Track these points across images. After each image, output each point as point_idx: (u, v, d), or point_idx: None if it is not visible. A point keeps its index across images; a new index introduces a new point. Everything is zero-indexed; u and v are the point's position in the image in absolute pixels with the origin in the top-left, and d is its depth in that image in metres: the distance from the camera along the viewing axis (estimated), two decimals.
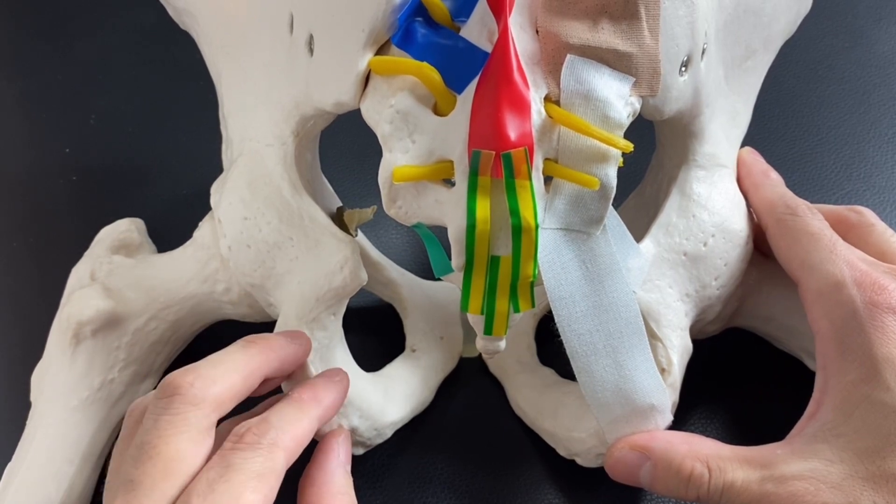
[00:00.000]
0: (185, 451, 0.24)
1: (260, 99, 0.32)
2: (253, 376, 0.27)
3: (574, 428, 0.33)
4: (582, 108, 0.25)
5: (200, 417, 0.25)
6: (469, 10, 0.25)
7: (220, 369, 0.26)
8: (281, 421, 0.26)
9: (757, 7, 0.33)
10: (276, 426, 0.26)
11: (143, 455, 0.24)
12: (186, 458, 0.24)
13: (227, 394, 0.26)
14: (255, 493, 0.24)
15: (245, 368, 0.27)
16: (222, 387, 0.26)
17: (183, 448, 0.24)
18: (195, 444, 0.25)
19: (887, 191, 0.44)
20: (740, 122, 0.35)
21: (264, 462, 0.25)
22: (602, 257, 0.27)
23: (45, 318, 0.36)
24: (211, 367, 0.26)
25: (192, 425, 0.25)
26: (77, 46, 0.54)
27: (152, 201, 0.45)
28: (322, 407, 0.28)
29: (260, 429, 0.26)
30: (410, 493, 0.34)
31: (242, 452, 0.25)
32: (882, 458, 0.26)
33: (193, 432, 0.25)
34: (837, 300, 0.29)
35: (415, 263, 0.41)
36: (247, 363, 0.27)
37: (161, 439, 0.24)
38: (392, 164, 0.25)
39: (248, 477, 0.24)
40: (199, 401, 0.25)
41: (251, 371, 0.27)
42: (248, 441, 0.25)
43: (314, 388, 0.29)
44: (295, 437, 0.26)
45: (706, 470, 0.27)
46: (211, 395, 0.26)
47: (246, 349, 0.28)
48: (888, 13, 0.53)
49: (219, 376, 0.26)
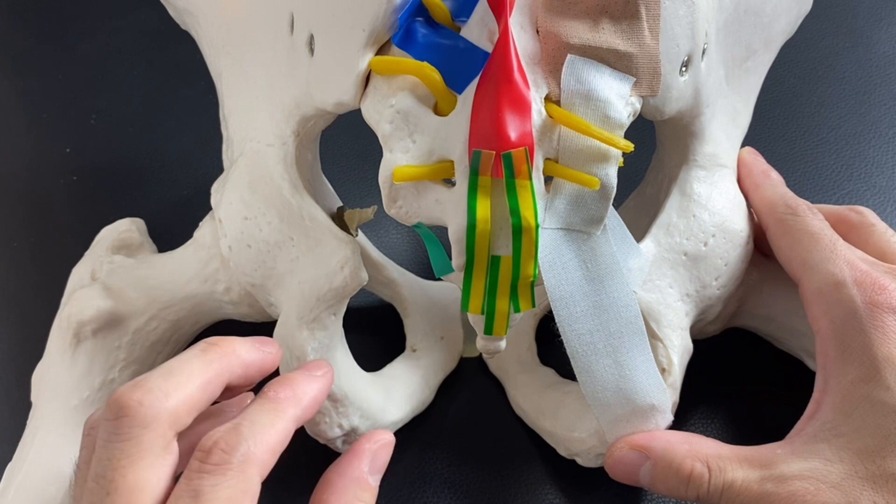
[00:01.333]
0: (145, 481, 0.22)
1: (260, 99, 0.32)
2: (212, 384, 0.25)
3: (574, 428, 0.33)
4: (582, 108, 0.25)
5: (154, 439, 0.23)
6: (469, 10, 0.25)
7: (173, 381, 0.24)
8: (253, 428, 0.24)
9: (757, 7, 0.33)
10: (247, 437, 0.23)
11: (100, 490, 0.22)
12: (147, 488, 0.22)
13: (182, 407, 0.23)
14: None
15: (203, 376, 0.24)
16: (176, 400, 0.23)
17: (142, 478, 0.22)
18: (154, 469, 0.23)
19: (888, 191, 0.44)
20: (741, 123, 0.35)
21: (237, 485, 0.22)
22: (602, 257, 0.27)
23: (45, 318, 0.36)
24: (162, 379, 0.24)
25: (146, 450, 0.23)
26: (78, 46, 0.54)
27: (152, 201, 0.45)
28: (301, 406, 0.26)
29: (229, 443, 0.23)
30: (410, 493, 0.34)
31: (212, 477, 0.22)
32: (882, 457, 0.26)
33: (150, 457, 0.23)
34: (838, 300, 0.29)
35: (415, 263, 0.41)
36: (204, 370, 0.25)
37: (116, 472, 0.22)
38: (392, 164, 0.25)
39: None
40: (150, 421, 0.23)
41: (209, 379, 0.25)
42: (215, 461, 0.23)
43: (293, 385, 0.26)
44: (269, 446, 0.24)
45: (706, 469, 0.27)
46: (164, 412, 0.23)
47: (203, 354, 0.25)
48: (888, 13, 0.53)
49: (172, 389, 0.23)
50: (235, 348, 0.26)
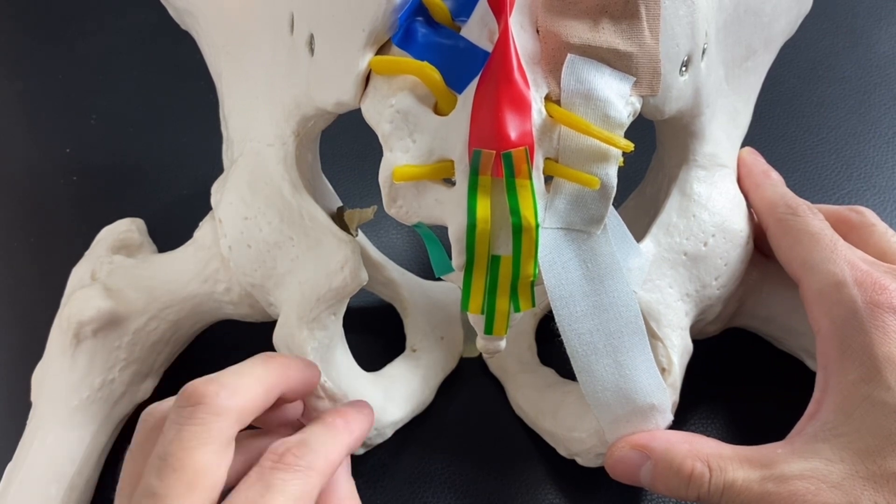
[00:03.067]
0: (209, 464, 0.24)
1: (261, 99, 0.32)
2: (273, 391, 0.27)
3: (574, 428, 0.33)
4: (582, 108, 0.25)
5: (224, 429, 0.25)
6: (469, 9, 0.25)
7: (244, 381, 0.26)
8: (317, 443, 0.26)
9: (757, 7, 0.33)
10: (314, 449, 0.26)
11: (166, 467, 0.24)
12: (210, 472, 0.24)
13: (249, 405, 0.26)
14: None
15: (266, 382, 0.27)
16: (245, 398, 0.26)
17: (207, 461, 0.24)
18: (219, 456, 0.24)
19: (888, 191, 0.44)
20: (741, 122, 0.35)
21: (304, 485, 0.25)
22: (602, 257, 0.27)
23: (45, 318, 0.36)
24: (234, 378, 0.26)
25: (215, 437, 0.24)
26: (78, 46, 0.54)
27: (152, 201, 0.45)
28: (353, 436, 0.28)
29: (300, 451, 0.25)
30: (410, 493, 0.34)
31: (283, 473, 0.25)
32: (883, 457, 0.26)
33: (217, 444, 0.24)
34: (838, 300, 0.29)
35: (415, 263, 0.41)
36: (268, 377, 0.27)
37: (185, 451, 0.24)
38: (392, 164, 0.25)
39: (289, 499, 0.24)
40: (223, 411, 0.25)
41: (272, 385, 0.27)
42: (288, 462, 0.25)
43: (345, 417, 0.29)
44: (329, 462, 0.26)
45: (707, 469, 0.27)
46: (235, 406, 0.25)
47: (266, 363, 0.28)
48: (888, 13, 0.53)
49: (242, 387, 0.26)
50: (291, 363, 0.29)
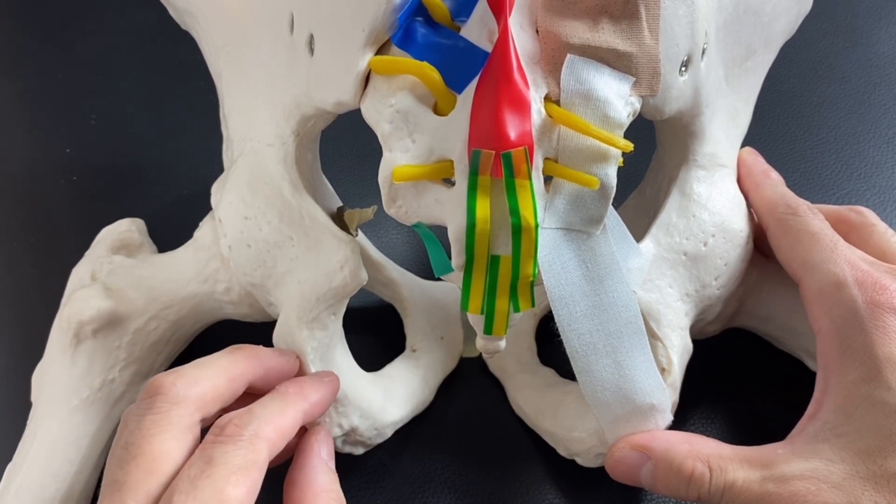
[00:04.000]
0: (167, 450, 0.25)
1: (260, 99, 0.32)
2: (237, 380, 0.27)
3: (574, 428, 0.33)
4: (582, 108, 0.25)
5: (183, 415, 0.25)
6: (469, 9, 0.25)
7: (204, 371, 0.27)
8: (264, 411, 0.26)
9: (757, 7, 0.33)
10: (258, 416, 0.26)
11: (126, 455, 0.24)
12: (169, 456, 0.24)
13: (210, 394, 0.26)
14: (238, 486, 0.24)
15: (229, 371, 0.27)
16: (205, 387, 0.26)
17: (166, 447, 0.25)
18: (178, 441, 0.25)
19: (888, 190, 0.44)
20: (740, 122, 0.35)
21: (246, 454, 0.25)
22: (602, 257, 0.27)
23: (45, 318, 0.36)
24: (194, 369, 0.27)
25: (173, 423, 0.25)
26: (78, 46, 0.54)
27: (152, 201, 0.45)
28: (308, 402, 0.28)
29: (242, 420, 0.26)
30: (410, 493, 0.34)
31: (223, 446, 0.25)
32: (883, 457, 0.26)
33: (175, 430, 0.25)
34: (839, 300, 0.29)
35: (415, 263, 0.41)
36: (231, 366, 0.28)
37: (144, 439, 0.25)
38: (392, 164, 0.25)
39: (229, 471, 0.24)
40: (180, 399, 0.25)
41: (235, 375, 0.27)
42: (228, 433, 0.25)
43: (300, 384, 0.29)
44: (278, 428, 0.26)
45: (707, 469, 0.27)
46: (193, 394, 0.26)
47: (232, 354, 0.28)
48: (888, 13, 0.53)
49: (202, 377, 0.27)
50: (258, 353, 0.29)
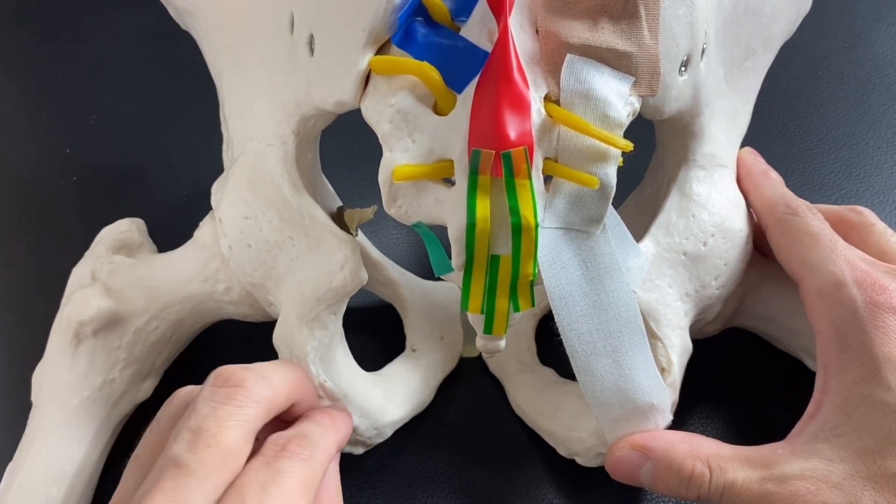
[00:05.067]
0: (240, 447, 0.24)
1: (261, 99, 0.32)
2: (293, 395, 0.28)
3: (574, 427, 0.33)
4: (582, 108, 0.25)
5: (257, 416, 0.25)
6: (469, 9, 0.25)
7: (276, 377, 0.27)
8: (315, 437, 0.27)
9: (757, 7, 0.33)
10: (314, 441, 0.26)
11: (200, 441, 0.24)
12: (240, 454, 0.24)
13: (277, 402, 0.26)
14: (303, 499, 0.24)
15: (290, 384, 0.27)
16: (276, 394, 0.26)
17: (240, 443, 0.24)
18: (248, 441, 0.25)
19: (886, 190, 0.44)
20: (740, 123, 0.35)
21: (309, 473, 0.25)
22: (602, 256, 0.27)
23: (45, 318, 0.36)
24: (269, 371, 0.27)
25: (249, 421, 0.25)
26: (78, 47, 0.54)
27: (152, 201, 0.45)
28: (340, 434, 0.29)
29: (301, 442, 0.26)
30: (410, 493, 0.34)
31: (289, 461, 0.25)
32: (883, 457, 0.26)
33: (250, 428, 0.25)
34: (838, 299, 0.29)
35: (415, 263, 0.41)
36: (292, 380, 0.28)
37: (221, 429, 0.24)
38: (392, 164, 0.25)
39: (297, 483, 0.24)
40: (260, 399, 0.25)
41: (293, 390, 0.28)
42: (292, 451, 0.25)
43: (332, 416, 0.29)
44: (328, 454, 0.27)
45: (707, 469, 0.27)
46: (268, 398, 0.26)
47: (291, 367, 0.29)
48: (887, 13, 0.53)
49: (274, 383, 0.26)
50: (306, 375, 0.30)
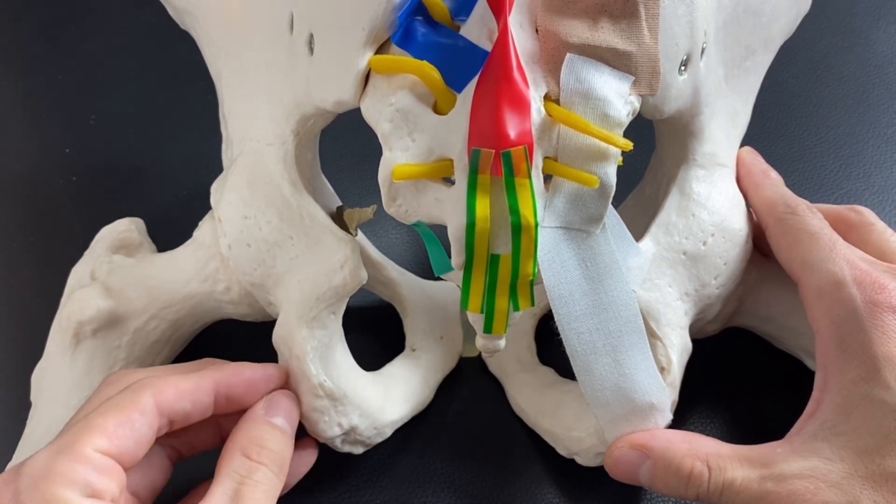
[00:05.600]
0: None
1: (260, 98, 0.32)
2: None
3: (574, 427, 0.33)
4: (581, 107, 0.25)
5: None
6: (469, 8, 0.25)
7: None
8: (162, 370, 0.29)
9: (756, 7, 0.33)
10: (151, 373, 0.28)
11: None
12: None
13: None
14: (105, 417, 0.25)
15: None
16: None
17: None
18: None
19: (886, 190, 0.44)
20: (740, 122, 0.35)
21: (125, 397, 0.26)
22: (602, 256, 0.27)
23: (45, 318, 0.36)
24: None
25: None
26: (77, 47, 0.54)
27: (152, 201, 0.45)
28: (221, 372, 0.29)
29: (134, 376, 0.28)
30: (410, 493, 0.34)
31: (107, 394, 0.27)
32: (882, 456, 0.26)
33: None
34: (838, 299, 0.29)
35: (415, 263, 0.41)
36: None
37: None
38: (392, 163, 0.25)
39: (104, 408, 0.26)
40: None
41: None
42: (110, 382, 0.28)
43: (222, 361, 0.30)
44: (172, 384, 0.27)
45: (706, 468, 0.27)
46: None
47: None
48: (887, 13, 0.53)
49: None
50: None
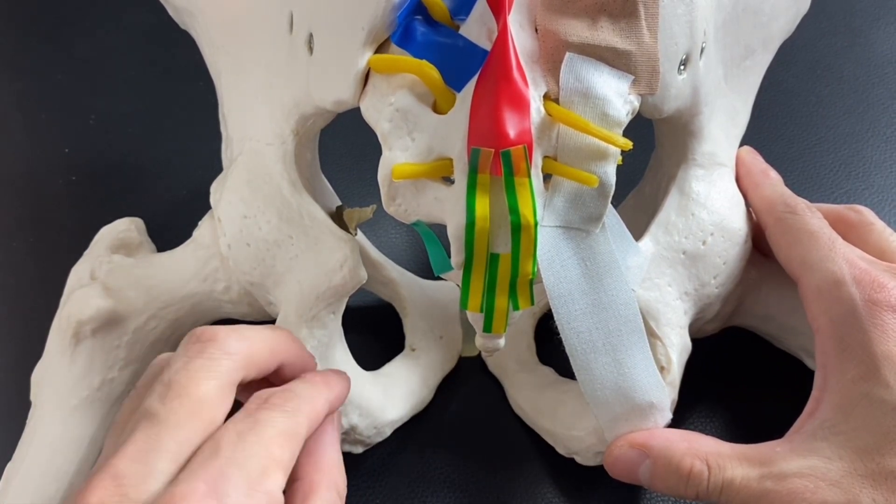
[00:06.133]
0: (213, 398, 0.24)
1: (260, 98, 0.32)
2: (277, 354, 0.27)
3: (573, 426, 0.33)
4: (581, 106, 0.25)
5: (232, 369, 0.25)
6: (468, 8, 0.25)
7: (253, 333, 0.26)
8: (301, 391, 0.26)
9: (756, 6, 0.33)
10: (298, 395, 0.26)
11: (170, 392, 0.24)
12: (213, 405, 0.24)
13: (256, 356, 0.26)
14: (283, 449, 0.24)
15: (272, 343, 0.27)
16: (253, 348, 0.26)
17: (213, 394, 0.24)
18: (223, 393, 0.24)
19: (886, 189, 0.44)
20: (739, 122, 0.35)
21: (290, 424, 0.25)
22: (601, 255, 0.27)
23: (45, 318, 0.36)
24: (244, 329, 0.26)
25: (223, 373, 0.24)
26: (77, 46, 0.54)
27: (152, 201, 0.45)
28: (333, 393, 0.28)
29: (284, 395, 0.25)
30: (410, 492, 0.34)
31: (270, 412, 0.24)
32: (881, 455, 0.26)
33: (224, 381, 0.24)
34: (837, 298, 0.29)
35: (414, 263, 0.41)
36: (274, 339, 0.27)
37: (192, 381, 0.24)
38: (391, 162, 0.25)
39: (277, 433, 0.24)
40: (233, 351, 0.25)
41: (276, 348, 0.27)
42: (274, 403, 0.25)
43: (325, 375, 0.29)
44: (314, 410, 0.26)
45: (705, 467, 0.27)
46: (243, 350, 0.25)
47: (273, 329, 0.28)
48: (886, 13, 0.53)
49: (251, 338, 0.26)
50: (293, 336, 0.29)
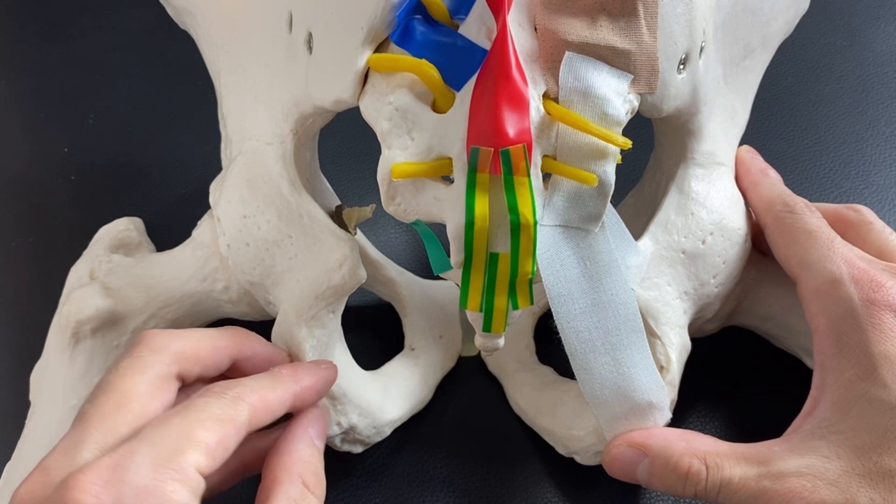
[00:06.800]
0: (142, 391, 0.25)
1: (259, 97, 0.32)
2: (221, 350, 0.28)
3: (573, 426, 0.33)
4: (580, 105, 0.25)
5: (161, 363, 0.26)
6: (468, 7, 0.25)
7: (190, 332, 0.27)
8: (253, 382, 0.26)
9: (755, 6, 0.33)
10: (245, 384, 0.26)
11: (98, 391, 0.25)
12: (142, 397, 0.25)
13: (190, 350, 0.27)
14: (209, 431, 0.23)
15: (214, 340, 0.28)
16: (186, 344, 0.27)
17: (141, 387, 0.25)
18: (153, 387, 0.25)
19: (885, 189, 0.44)
20: (738, 121, 0.35)
21: (224, 409, 0.24)
22: (601, 254, 0.27)
23: (44, 318, 0.36)
24: (183, 330, 0.28)
25: (149, 368, 0.25)
26: (76, 46, 0.54)
27: (152, 201, 0.45)
28: (300, 385, 0.28)
29: (228, 384, 0.26)
30: (409, 492, 0.34)
31: (205, 398, 0.25)
32: (879, 454, 0.26)
33: (151, 375, 0.25)
34: (835, 297, 0.29)
35: (414, 262, 0.41)
36: (217, 337, 0.28)
37: (118, 377, 0.25)
38: (391, 161, 0.25)
39: (206, 416, 0.24)
40: (159, 348, 0.26)
41: (220, 345, 0.28)
42: (213, 391, 0.25)
43: (294, 367, 0.29)
44: (264, 399, 0.26)
45: (704, 467, 0.27)
46: (173, 346, 0.26)
47: (223, 329, 0.29)
48: (886, 12, 0.53)
49: (185, 335, 0.27)
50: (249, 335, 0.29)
